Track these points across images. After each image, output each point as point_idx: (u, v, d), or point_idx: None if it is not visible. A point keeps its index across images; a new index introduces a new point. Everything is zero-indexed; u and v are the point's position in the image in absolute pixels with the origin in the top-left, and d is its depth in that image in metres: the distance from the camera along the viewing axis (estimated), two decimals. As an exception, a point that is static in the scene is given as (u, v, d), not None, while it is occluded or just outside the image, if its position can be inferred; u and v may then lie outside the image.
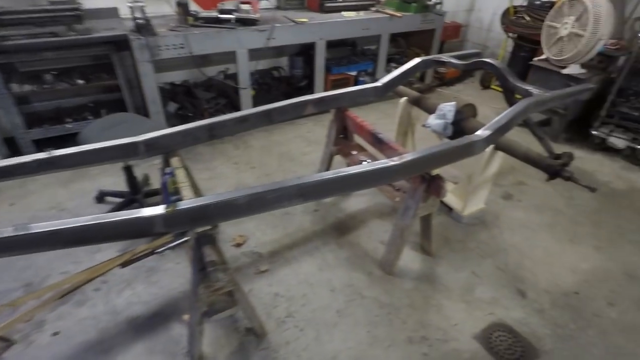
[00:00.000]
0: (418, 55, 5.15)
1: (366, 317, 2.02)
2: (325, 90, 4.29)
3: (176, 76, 4.01)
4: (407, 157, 1.71)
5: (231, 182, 3.05)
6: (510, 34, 4.60)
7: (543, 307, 2.10)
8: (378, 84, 2.55)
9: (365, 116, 2.58)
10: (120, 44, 3.11)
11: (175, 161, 1.90)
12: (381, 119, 4.06)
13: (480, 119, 2.52)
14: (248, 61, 3.49)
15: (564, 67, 3.54)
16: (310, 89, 4.18)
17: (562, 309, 2.09)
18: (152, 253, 1.59)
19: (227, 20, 3.30)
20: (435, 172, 1.99)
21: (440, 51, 5.43)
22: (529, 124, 2.37)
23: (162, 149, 1.91)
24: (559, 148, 3.73)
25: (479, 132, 1.92)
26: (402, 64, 4.88)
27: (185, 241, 1.48)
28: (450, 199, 2.77)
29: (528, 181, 3.12)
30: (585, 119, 3.73)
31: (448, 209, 2.76)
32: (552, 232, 2.65)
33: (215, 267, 1.40)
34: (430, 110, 2.72)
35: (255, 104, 3.86)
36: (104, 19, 3.41)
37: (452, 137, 2.56)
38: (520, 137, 2.48)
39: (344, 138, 2.74)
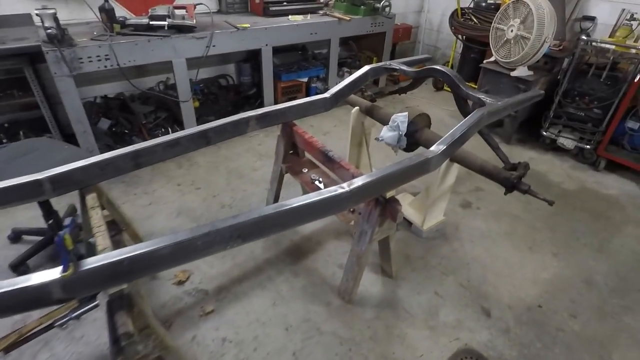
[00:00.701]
0: (370, 59, 5.09)
1: (326, 356, 1.83)
2: (276, 98, 4.08)
3: (109, 88, 3.62)
4: (357, 182, 1.55)
5: (173, 207, 2.75)
6: (459, 36, 4.61)
7: (508, 325, 2.01)
8: (326, 95, 2.37)
9: (319, 124, 2.39)
10: (35, 56, 2.71)
11: (90, 199, 1.61)
12: (337, 126, 3.90)
13: (435, 122, 2.42)
14: (187, 71, 3.18)
15: (512, 70, 3.55)
16: (260, 98, 3.94)
17: (527, 326, 2.01)
18: (50, 327, 1.30)
19: (160, 27, 2.99)
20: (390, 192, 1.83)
21: (393, 53, 5.38)
22: (483, 133, 2.29)
23: (75, 184, 1.61)
24: (512, 149, 3.82)
25: (433, 148, 1.79)
26: (354, 67, 4.78)
27: (95, 306, 1.21)
28: (410, 212, 2.65)
29: (485, 187, 3.08)
30: (536, 120, 3.78)
31: (408, 223, 2.63)
32: (512, 240, 2.60)
33: (131, 340, 1.14)
34: (383, 120, 2.58)
35: (199, 117, 3.57)
36: (16, 27, 2.99)
37: (407, 149, 2.44)
38: (479, 141, 2.40)
39: (294, 154, 2.54)
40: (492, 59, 3.79)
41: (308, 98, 2.32)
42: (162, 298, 2.07)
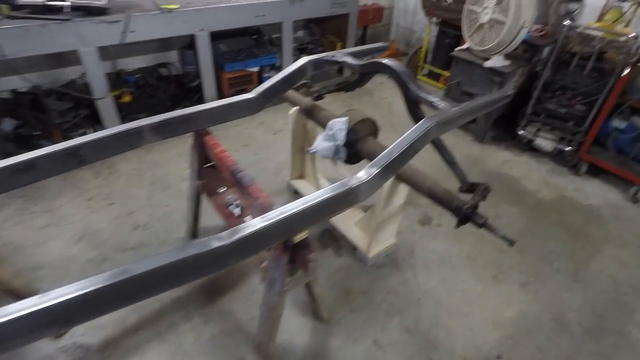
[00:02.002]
0: (333, 45, 4.57)
1: None
2: (222, 91, 3.58)
3: (21, 81, 3.08)
4: (245, 230, 1.14)
5: (76, 229, 2.30)
6: (433, 18, 4.11)
7: (458, 386, 1.64)
8: (251, 95, 1.93)
9: (271, 121, 1.97)
10: None
11: None
12: (279, 133, 3.43)
13: (396, 122, 1.99)
14: (100, 62, 2.67)
15: (487, 59, 3.10)
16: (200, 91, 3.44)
17: (481, 387, 1.65)
18: None
19: (59, 9, 2.46)
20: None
21: (364, 37, 4.87)
22: (437, 144, 1.86)
23: None
24: (486, 150, 3.39)
25: (362, 173, 1.37)
26: (315, 54, 4.28)
27: None
28: (355, 233, 2.24)
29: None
30: (513, 116, 3.36)
31: (352, 246, 2.23)
32: (474, 266, 2.21)
33: None
34: (324, 124, 2.14)
35: (128, 114, 3.08)
36: None
37: (349, 161, 2.01)
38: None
39: (212, 168, 2.09)
40: (465, 46, 3.32)
41: (227, 99, 1.88)
42: (30, 359, 1.65)
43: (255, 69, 3.62)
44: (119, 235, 2.27)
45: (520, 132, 3.19)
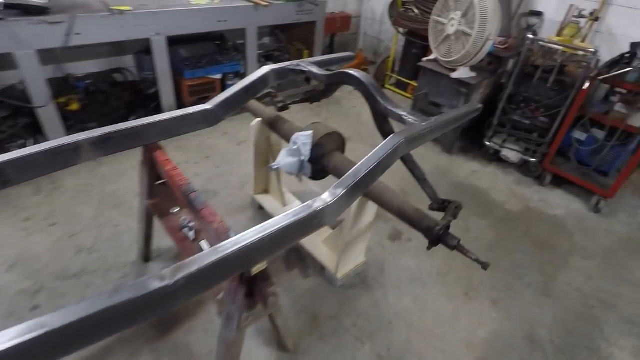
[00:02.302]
0: (300, 52, 4.47)
1: None
2: (182, 99, 3.38)
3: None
4: (192, 266, 0.98)
5: (8, 254, 2.03)
6: (399, 29, 4.10)
7: (433, 417, 1.54)
8: (208, 105, 1.77)
9: (235, 131, 1.81)
10: None
11: None
12: (244, 143, 3.28)
13: (365, 132, 1.88)
14: (41, 67, 2.41)
15: (453, 70, 3.10)
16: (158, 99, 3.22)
17: (456, 417, 1.55)
18: None
19: (-10, 7, 2.19)
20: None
21: (332, 45, 4.81)
22: (407, 160, 1.77)
23: None
24: (454, 160, 3.37)
25: (326, 195, 1.24)
26: (281, 62, 4.16)
27: None
28: (323, 253, 2.11)
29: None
30: (479, 126, 3.37)
31: (320, 266, 2.10)
32: (446, 283, 2.14)
33: None
34: (288, 138, 2.01)
35: (76, 123, 2.82)
36: None
37: (313, 177, 1.89)
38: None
39: (164, 185, 1.90)
40: (433, 56, 3.31)
41: (180, 111, 1.71)
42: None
43: (218, 76, 3.44)
44: (59, 261, 2.02)
45: (487, 143, 3.21)
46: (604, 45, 3.18)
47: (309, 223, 1.20)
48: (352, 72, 1.75)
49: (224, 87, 3.58)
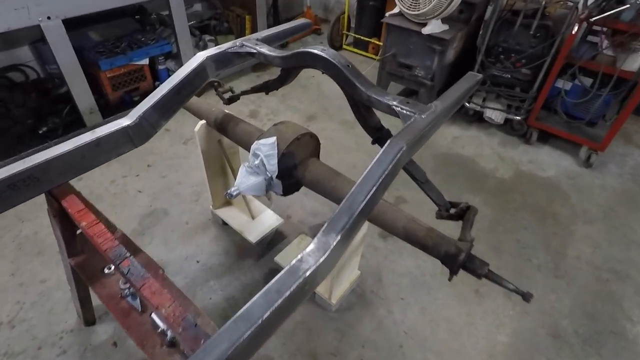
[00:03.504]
0: (241, 19, 3.82)
1: None
2: (106, 96, 2.75)
3: None
4: None
5: None
6: (353, -22, 3.55)
7: None
8: (127, 121, 1.30)
9: (160, 137, 1.35)
10: None
11: None
12: (192, 141, 2.75)
13: (330, 106, 1.47)
14: None
15: (423, 24, 2.67)
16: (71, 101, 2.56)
17: None
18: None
19: None
20: None
21: (275, 6, 4.16)
22: (407, 170, 1.39)
23: None
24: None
25: (313, 249, 0.88)
26: (221, 32, 3.52)
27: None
28: (310, 274, 1.76)
29: (409, 196, 2.29)
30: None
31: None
32: (452, 283, 1.86)
33: None
34: (244, 143, 1.58)
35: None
36: None
37: (285, 193, 1.48)
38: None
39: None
40: (396, 9, 2.85)
41: (90, 134, 1.23)
42: None
43: (144, 61, 2.80)
44: (-34, 349, 1.53)
45: (467, 105, 2.89)
46: (578, -23, 2.86)
47: (298, 295, 0.84)
48: (316, 51, 1.29)
49: (155, 74, 2.96)
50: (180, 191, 2.30)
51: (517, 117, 2.75)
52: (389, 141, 1.05)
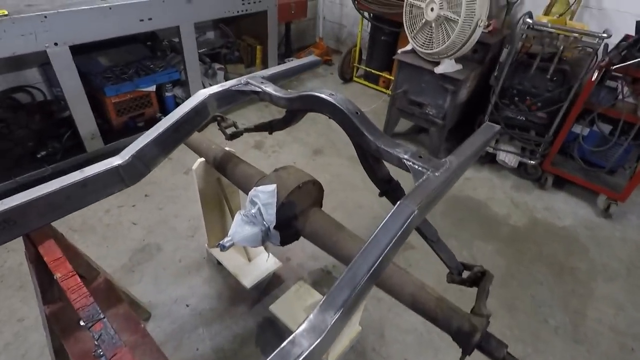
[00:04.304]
0: (252, 48, 3.82)
1: None
2: (110, 122, 2.71)
3: None
4: None
5: None
6: (365, 13, 3.55)
7: None
8: (118, 160, 1.22)
9: (161, 165, 1.28)
10: None
11: None
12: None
13: (337, 140, 1.37)
14: None
15: (435, 63, 2.62)
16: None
17: None
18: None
19: None
20: None
21: (288, 36, 4.20)
22: (421, 231, 1.27)
23: None
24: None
25: (307, 327, 0.78)
26: (232, 61, 3.51)
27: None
28: (306, 328, 1.62)
29: (417, 244, 2.16)
30: (467, 124, 2.96)
31: (305, 346, 1.60)
32: (461, 344, 1.72)
33: None
34: (243, 186, 1.49)
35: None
36: None
37: (283, 243, 1.36)
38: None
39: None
40: (409, 47, 2.82)
41: (79, 174, 1.15)
42: None
43: (151, 88, 2.77)
44: None
45: (479, 145, 2.79)
46: (593, 22, 2.82)
47: None
48: (324, 96, 1.21)
49: (162, 100, 2.93)
50: (177, 225, 2.19)
51: (532, 162, 2.63)
52: (398, 203, 0.94)
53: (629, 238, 2.36)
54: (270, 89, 1.42)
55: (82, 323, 1.27)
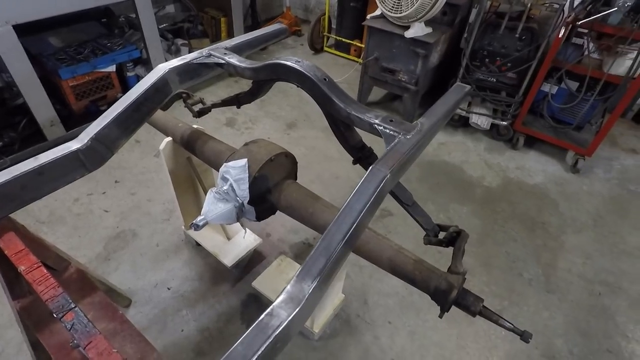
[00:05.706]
0: (216, 20, 3.65)
1: None
2: (69, 107, 2.56)
3: None
4: None
5: None
6: (332, -22, 3.42)
7: None
8: (77, 144, 1.17)
9: (129, 148, 1.22)
10: None
11: None
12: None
13: (311, 112, 1.35)
14: None
15: (405, 27, 2.57)
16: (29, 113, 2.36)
17: None
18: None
19: None
20: None
21: (253, 7, 4.01)
22: (392, 192, 1.27)
23: None
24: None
25: (285, 298, 0.78)
26: (195, 36, 3.35)
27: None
28: (290, 301, 1.63)
29: (395, 209, 2.18)
30: (440, 89, 2.95)
31: (290, 318, 1.62)
32: (441, 303, 1.78)
33: None
34: (214, 163, 1.45)
35: None
36: None
37: (259, 218, 1.34)
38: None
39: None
40: (378, 11, 2.74)
41: (32, 161, 1.09)
42: None
43: (111, 68, 2.61)
44: None
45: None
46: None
47: (268, 357, 0.71)
48: (290, 63, 1.16)
49: (124, 81, 2.77)
50: (151, 209, 2.13)
51: (504, 122, 2.67)
52: (370, 168, 0.93)
53: (595, 191, 2.46)
54: (234, 60, 1.36)
55: (56, 315, 1.24)
